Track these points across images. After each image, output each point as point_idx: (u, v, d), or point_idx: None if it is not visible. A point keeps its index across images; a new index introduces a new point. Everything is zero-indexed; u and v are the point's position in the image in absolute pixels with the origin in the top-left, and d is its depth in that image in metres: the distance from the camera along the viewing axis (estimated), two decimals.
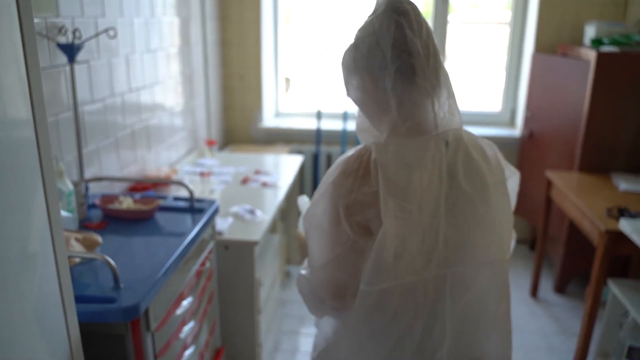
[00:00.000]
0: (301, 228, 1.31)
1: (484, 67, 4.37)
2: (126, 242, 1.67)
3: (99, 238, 1.48)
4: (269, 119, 4.02)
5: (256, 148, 3.71)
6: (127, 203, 1.80)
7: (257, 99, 3.87)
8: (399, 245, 1.03)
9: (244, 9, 3.67)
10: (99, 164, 2.14)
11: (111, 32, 1.80)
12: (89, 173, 2.07)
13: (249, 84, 3.84)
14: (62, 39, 1.79)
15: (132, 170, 2.46)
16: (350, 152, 1.12)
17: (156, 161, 2.75)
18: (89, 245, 1.45)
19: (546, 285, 3.34)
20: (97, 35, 1.81)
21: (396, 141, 1.07)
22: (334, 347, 1.23)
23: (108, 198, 1.85)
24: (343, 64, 1.13)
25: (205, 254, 1.86)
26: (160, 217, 1.84)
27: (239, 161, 3.19)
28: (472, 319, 1.13)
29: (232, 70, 3.81)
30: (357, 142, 3.02)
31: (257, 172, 2.93)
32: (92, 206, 1.87)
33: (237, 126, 3.94)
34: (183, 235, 1.69)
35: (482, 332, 1.16)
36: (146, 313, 1.36)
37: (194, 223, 1.80)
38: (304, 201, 1.48)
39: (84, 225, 1.73)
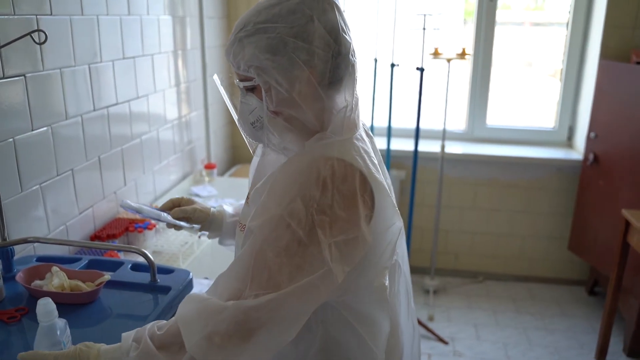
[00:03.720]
0: None
1: (526, 73, 3.75)
2: None
3: None
4: None
5: None
6: (59, 279, 1.26)
7: None
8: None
9: (252, 5, 3.11)
10: (42, 209, 1.62)
11: (38, 36, 1.27)
12: (26, 225, 1.54)
13: None
14: None
15: (99, 211, 1.94)
16: (322, 165, 0.89)
17: (136, 194, 2.22)
18: None
19: (615, 346, 2.71)
20: (12, 41, 1.28)
21: (355, 141, 0.97)
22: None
23: (37, 269, 1.32)
24: (275, 68, 0.91)
25: None
26: (107, 297, 1.29)
27: (243, 189, 2.64)
28: None
29: None
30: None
31: None
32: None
33: (245, 143, 3.37)
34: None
35: None
36: None
37: (154, 308, 1.26)
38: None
39: None
